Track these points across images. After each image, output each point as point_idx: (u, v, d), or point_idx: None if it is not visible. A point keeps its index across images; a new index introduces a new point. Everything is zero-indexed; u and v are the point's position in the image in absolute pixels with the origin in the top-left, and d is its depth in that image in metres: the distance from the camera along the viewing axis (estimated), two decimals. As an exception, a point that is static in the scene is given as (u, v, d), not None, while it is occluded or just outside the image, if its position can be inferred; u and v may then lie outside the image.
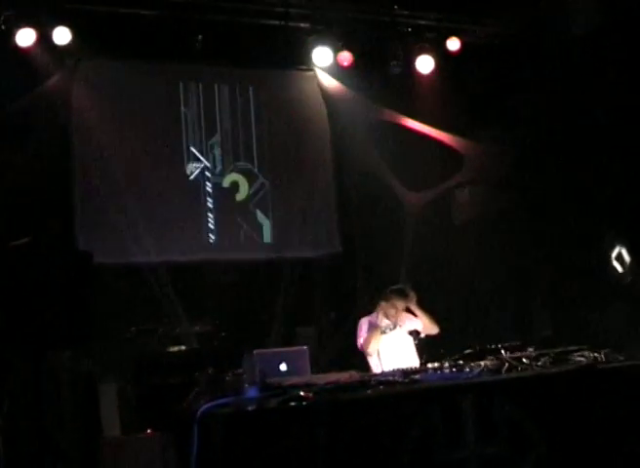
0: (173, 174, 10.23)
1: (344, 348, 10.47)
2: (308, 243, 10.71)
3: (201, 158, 10.33)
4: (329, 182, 11.06)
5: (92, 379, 9.29)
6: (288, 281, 10.21)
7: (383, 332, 8.38)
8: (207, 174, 10.34)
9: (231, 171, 10.54)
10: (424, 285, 10.08)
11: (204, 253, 10.13)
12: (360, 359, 10.20)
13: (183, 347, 8.78)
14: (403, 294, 8.44)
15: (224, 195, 10.38)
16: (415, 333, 8.15)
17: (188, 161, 10.32)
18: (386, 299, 8.43)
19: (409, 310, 8.49)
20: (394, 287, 8.63)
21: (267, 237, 10.51)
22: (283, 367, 6.91)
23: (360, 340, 8.37)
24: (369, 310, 8.63)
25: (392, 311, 8.40)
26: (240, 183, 10.56)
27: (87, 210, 9.73)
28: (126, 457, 5.92)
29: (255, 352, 7.11)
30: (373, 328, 8.33)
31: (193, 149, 10.31)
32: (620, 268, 8.10)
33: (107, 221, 9.70)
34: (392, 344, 8.36)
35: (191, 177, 10.31)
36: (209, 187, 10.35)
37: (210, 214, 10.27)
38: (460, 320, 10.00)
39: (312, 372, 8.46)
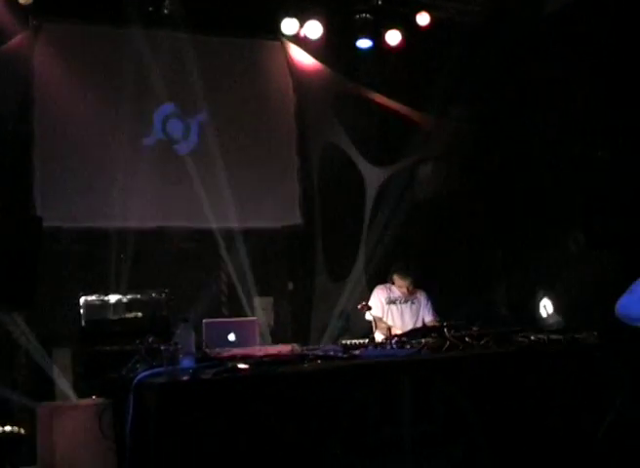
0: (133, 139, 10.12)
1: (300, 319, 10.57)
2: (269, 213, 10.67)
3: (161, 126, 10.26)
4: (292, 154, 11.02)
5: (46, 344, 9.31)
6: (246, 251, 10.17)
7: (392, 302, 8.67)
8: (167, 141, 10.23)
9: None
10: (383, 259, 10.16)
11: (160, 220, 10.08)
12: (315, 330, 10.31)
13: (140, 314, 8.74)
14: (401, 273, 8.75)
15: (183, 163, 10.27)
16: (366, 307, 8.16)
17: (149, 127, 10.23)
18: (391, 274, 8.80)
19: None
20: (399, 264, 8.87)
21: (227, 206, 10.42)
22: (231, 337, 6.91)
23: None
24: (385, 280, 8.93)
25: (401, 285, 8.75)
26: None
27: (45, 173, 9.65)
28: (62, 423, 5.92)
29: (204, 321, 7.12)
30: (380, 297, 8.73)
31: (155, 116, 10.23)
32: (544, 314, 8.35)
33: (65, 185, 9.65)
34: (398, 316, 8.67)
35: (152, 144, 10.22)
36: (169, 155, 10.27)
37: (169, 182, 10.20)
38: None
39: (266, 343, 8.56)
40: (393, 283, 8.82)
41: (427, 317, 8.73)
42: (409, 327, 8.36)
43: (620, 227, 9.00)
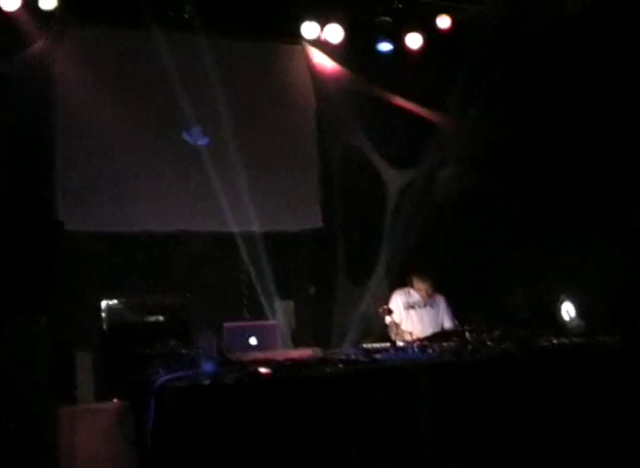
0: (154, 144, 10.12)
1: (322, 322, 10.55)
2: (290, 217, 10.69)
3: (182, 130, 10.23)
4: (312, 157, 11.00)
5: (68, 347, 9.34)
6: (267, 254, 10.16)
7: (411, 307, 8.69)
8: (188, 145, 10.19)
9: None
10: (404, 262, 10.14)
11: (181, 223, 10.08)
12: (336, 334, 10.29)
13: (161, 318, 8.75)
14: (420, 276, 8.78)
15: (204, 167, 10.19)
16: (387, 311, 8.14)
17: (169, 132, 10.22)
18: (410, 277, 8.83)
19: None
20: (418, 267, 8.98)
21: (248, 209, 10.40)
22: (253, 340, 6.93)
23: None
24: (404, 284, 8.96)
25: (420, 288, 8.77)
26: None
27: (67, 178, 9.66)
28: (84, 426, 5.94)
29: (225, 325, 7.14)
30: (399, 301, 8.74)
31: (176, 120, 10.19)
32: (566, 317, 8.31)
33: (86, 190, 9.66)
34: (418, 321, 8.67)
35: (172, 148, 10.21)
36: (189, 159, 10.22)
37: (190, 185, 10.19)
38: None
39: (287, 347, 8.55)
40: (412, 286, 8.80)
41: (447, 323, 8.71)
42: (429, 331, 8.34)
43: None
